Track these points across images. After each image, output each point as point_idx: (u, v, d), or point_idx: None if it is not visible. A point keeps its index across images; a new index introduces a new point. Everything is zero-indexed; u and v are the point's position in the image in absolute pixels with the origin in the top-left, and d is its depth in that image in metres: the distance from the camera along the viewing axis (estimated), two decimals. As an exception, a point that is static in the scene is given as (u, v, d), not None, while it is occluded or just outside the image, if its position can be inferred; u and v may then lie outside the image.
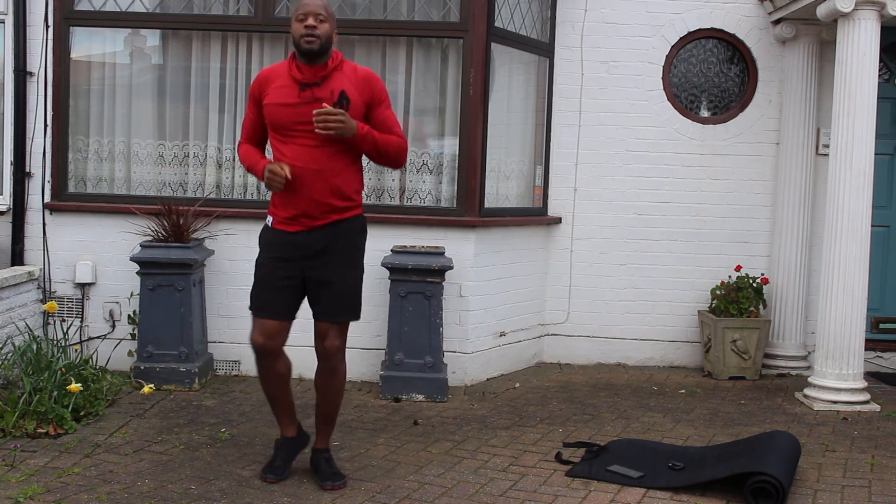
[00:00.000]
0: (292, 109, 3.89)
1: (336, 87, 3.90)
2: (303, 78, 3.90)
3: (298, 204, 3.92)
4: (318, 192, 3.90)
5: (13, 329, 5.68)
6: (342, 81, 3.93)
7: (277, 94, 3.93)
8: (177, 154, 6.36)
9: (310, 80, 3.89)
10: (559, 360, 6.91)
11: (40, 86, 6.20)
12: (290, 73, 3.94)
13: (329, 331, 4.01)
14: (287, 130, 3.92)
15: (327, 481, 4.06)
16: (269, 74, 4.04)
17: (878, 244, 6.76)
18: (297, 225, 3.97)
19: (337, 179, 3.92)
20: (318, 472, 4.13)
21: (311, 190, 3.89)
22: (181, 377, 5.67)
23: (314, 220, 3.94)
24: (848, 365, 5.72)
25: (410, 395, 5.67)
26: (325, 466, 4.14)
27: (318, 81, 3.89)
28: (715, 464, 4.37)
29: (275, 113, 3.93)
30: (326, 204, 3.92)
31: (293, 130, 3.90)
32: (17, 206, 6.22)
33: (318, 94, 3.88)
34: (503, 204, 6.49)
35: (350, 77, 3.96)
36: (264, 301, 4.02)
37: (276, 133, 3.97)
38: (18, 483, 3.97)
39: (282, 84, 3.94)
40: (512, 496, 4.06)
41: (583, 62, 6.77)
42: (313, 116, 3.79)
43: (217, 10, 6.24)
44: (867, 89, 5.63)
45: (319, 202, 3.91)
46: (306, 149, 3.87)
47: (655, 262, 6.85)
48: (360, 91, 3.95)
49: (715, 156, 6.81)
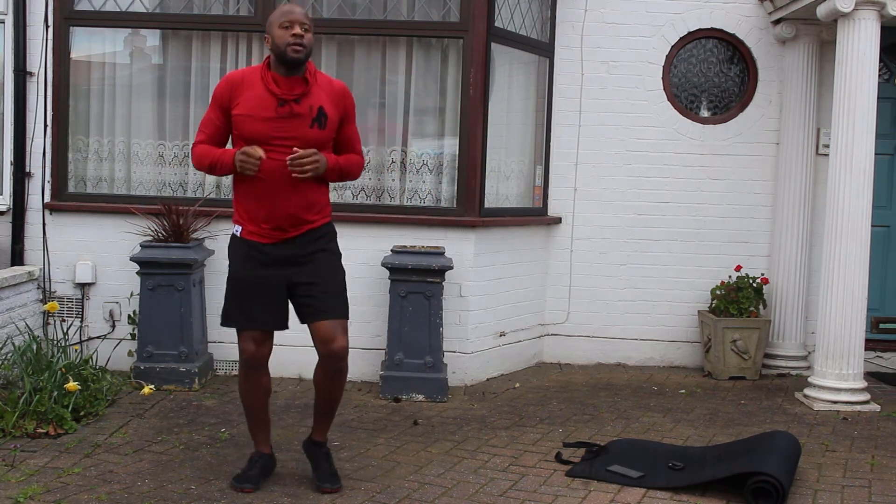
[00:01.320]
0: (269, 124, 3.78)
1: (315, 103, 3.83)
2: (280, 93, 3.79)
3: (272, 218, 3.85)
4: (293, 206, 3.84)
5: (13, 329, 5.68)
6: (319, 96, 3.85)
7: (252, 105, 3.79)
8: (177, 154, 6.36)
9: (288, 95, 3.79)
10: (559, 360, 6.91)
11: (40, 86, 6.20)
12: (266, 85, 3.79)
13: (336, 330, 3.91)
14: (261, 145, 3.79)
15: (325, 483, 4.02)
16: (241, 80, 3.85)
17: (878, 244, 6.76)
18: (269, 238, 3.89)
19: (311, 194, 3.88)
20: (317, 470, 4.09)
21: (286, 204, 3.83)
22: (181, 377, 5.67)
23: (286, 232, 3.88)
24: (848, 365, 5.72)
25: (410, 395, 5.67)
26: (324, 464, 4.10)
27: (296, 98, 3.80)
28: (715, 464, 4.37)
29: (249, 126, 3.80)
30: (300, 218, 3.88)
31: (268, 145, 3.79)
32: (17, 206, 6.22)
33: (296, 109, 3.80)
34: (503, 204, 6.49)
35: (327, 90, 3.89)
36: (252, 312, 3.91)
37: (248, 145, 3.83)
38: (18, 483, 3.97)
39: (257, 94, 3.79)
40: (512, 496, 4.06)
41: (583, 62, 6.77)
42: (287, 160, 3.72)
43: (217, 10, 6.24)
44: (867, 89, 5.63)
45: (294, 216, 3.86)
46: (281, 164, 3.77)
47: (655, 262, 6.85)
48: (335, 105, 3.90)
49: (715, 156, 6.81)
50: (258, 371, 4.00)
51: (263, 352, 3.96)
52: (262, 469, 4.10)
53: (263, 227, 3.87)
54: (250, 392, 4.05)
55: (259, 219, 3.86)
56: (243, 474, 4.05)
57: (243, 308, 3.93)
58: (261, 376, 4.02)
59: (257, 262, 3.89)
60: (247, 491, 3.96)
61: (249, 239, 3.91)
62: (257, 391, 4.04)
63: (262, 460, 4.12)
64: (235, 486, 3.99)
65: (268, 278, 3.89)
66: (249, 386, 4.03)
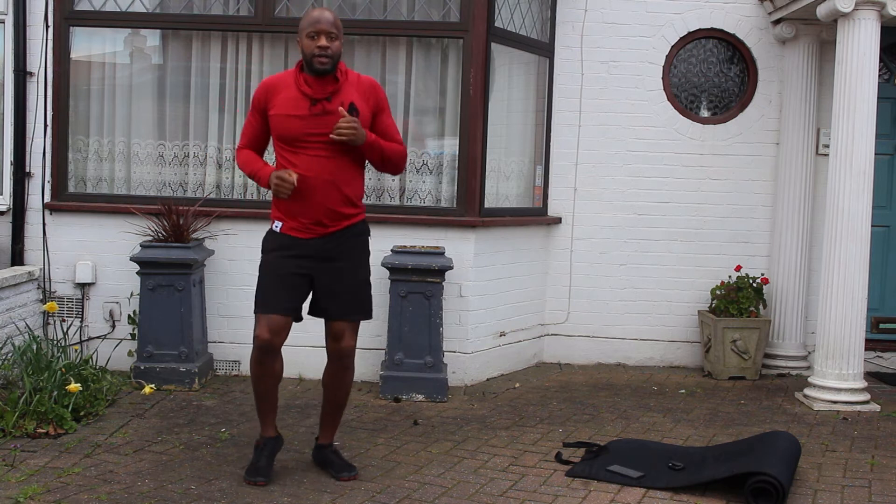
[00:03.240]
0: (303, 122, 3.94)
1: (346, 100, 3.97)
2: (312, 93, 3.95)
3: (310, 213, 3.99)
4: (330, 201, 3.99)
5: (13, 329, 5.68)
6: (350, 93, 4.00)
7: (286, 105, 3.97)
8: (177, 154, 6.36)
9: (319, 94, 3.95)
10: (559, 360, 6.91)
11: (40, 86, 6.20)
12: (299, 86, 3.97)
13: (345, 331, 4.09)
14: (297, 142, 3.97)
15: (343, 472, 4.17)
16: (276, 84, 4.05)
17: (878, 244, 6.76)
18: (308, 232, 4.03)
19: (347, 189, 4.02)
20: (330, 466, 4.23)
21: (323, 199, 3.97)
22: (181, 377, 5.67)
23: (326, 227, 4.02)
24: (848, 365, 5.72)
25: (410, 395, 5.67)
26: (336, 459, 4.25)
27: (328, 97, 3.95)
28: (715, 464, 4.37)
29: (284, 124, 3.97)
30: (338, 212, 4.02)
31: (303, 142, 3.96)
32: (17, 206, 6.21)
33: (328, 107, 3.95)
34: (503, 204, 6.49)
35: (356, 86, 4.04)
36: (271, 298, 4.03)
37: (285, 144, 4.01)
38: (18, 483, 3.97)
39: (291, 95, 3.97)
40: (512, 496, 4.06)
41: (583, 62, 6.77)
42: (334, 127, 3.87)
43: (217, 10, 6.24)
44: (867, 89, 5.63)
45: (332, 210, 4.00)
46: (318, 159, 3.94)
47: (655, 262, 6.85)
48: (366, 100, 4.04)
49: (715, 156, 6.81)
50: (272, 357, 4.08)
51: (280, 339, 4.05)
52: (270, 455, 4.21)
53: (303, 222, 4.01)
54: (263, 377, 4.14)
55: (299, 214, 4.00)
56: (254, 467, 4.16)
57: (266, 294, 4.05)
58: (274, 362, 4.10)
59: (290, 254, 4.03)
60: (260, 484, 4.06)
61: (287, 234, 4.06)
62: (270, 377, 4.14)
63: (269, 445, 4.22)
64: (249, 480, 4.09)
65: (296, 269, 4.03)
66: (262, 371, 4.12)
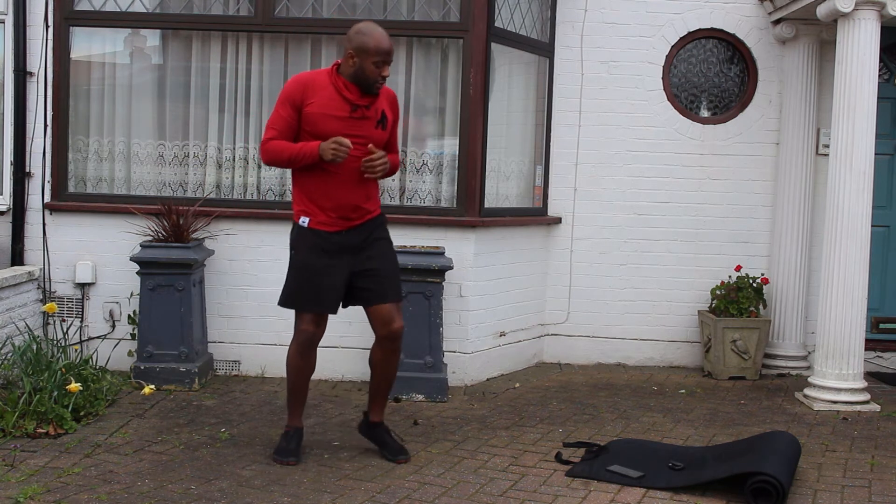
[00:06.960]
0: (343, 123, 4.23)
1: (380, 108, 4.34)
2: (353, 98, 4.25)
3: (339, 208, 4.31)
4: (357, 197, 4.33)
5: (13, 329, 5.68)
6: (382, 101, 4.37)
7: (328, 105, 4.23)
8: (177, 154, 6.36)
9: (359, 101, 4.27)
10: (559, 360, 6.91)
11: (40, 86, 6.20)
12: (338, 90, 4.23)
13: (394, 312, 4.41)
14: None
15: (399, 455, 4.45)
16: (312, 81, 4.28)
17: (878, 244, 6.76)
18: (336, 225, 4.33)
19: (370, 186, 4.40)
20: (385, 447, 4.51)
21: (352, 195, 4.31)
22: (181, 377, 5.67)
23: (351, 220, 4.35)
24: (848, 365, 5.72)
25: (410, 395, 5.67)
26: (391, 441, 4.54)
27: (367, 104, 4.28)
28: (715, 464, 4.37)
29: (324, 123, 4.22)
30: (362, 207, 4.37)
31: None
32: (17, 206, 6.22)
33: (367, 113, 4.29)
34: (503, 204, 6.49)
35: (385, 95, 4.40)
36: (315, 295, 4.32)
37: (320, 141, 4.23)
38: (18, 483, 3.97)
39: (331, 96, 4.24)
40: (512, 496, 4.06)
41: (583, 62, 6.77)
42: (363, 161, 4.24)
43: (217, 10, 6.24)
44: (867, 89, 5.63)
45: (358, 206, 4.35)
46: (350, 159, 4.23)
47: (655, 262, 6.84)
48: (391, 109, 4.45)
49: (715, 156, 6.81)
50: (312, 349, 4.43)
51: (322, 332, 4.42)
52: (299, 443, 4.47)
53: (331, 216, 4.32)
54: (303, 369, 4.44)
55: (327, 208, 4.31)
56: (284, 448, 4.41)
57: (308, 293, 4.35)
58: (312, 354, 4.45)
59: (324, 250, 4.32)
60: (291, 464, 4.33)
61: (317, 228, 4.32)
62: (308, 368, 4.46)
63: (298, 433, 4.50)
64: (279, 460, 4.35)
65: (334, 266, 4.32)
66: (304, 363, 4.43)
